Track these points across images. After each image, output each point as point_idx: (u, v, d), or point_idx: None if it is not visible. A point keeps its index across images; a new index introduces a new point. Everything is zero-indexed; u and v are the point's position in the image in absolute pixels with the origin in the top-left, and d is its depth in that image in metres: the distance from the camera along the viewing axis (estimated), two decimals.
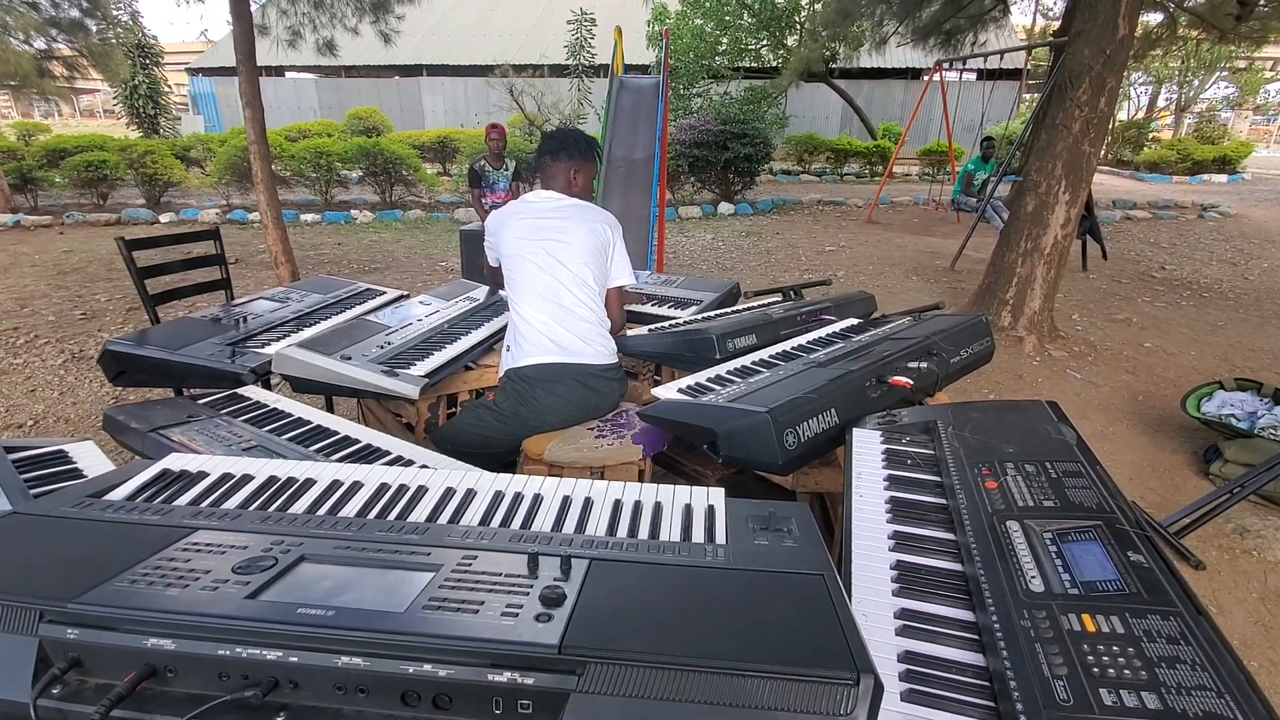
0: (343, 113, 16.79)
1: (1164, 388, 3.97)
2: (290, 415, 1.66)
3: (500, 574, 0.78)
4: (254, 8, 5.38)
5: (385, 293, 2.74)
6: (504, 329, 2.37)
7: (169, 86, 15.33)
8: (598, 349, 1.97)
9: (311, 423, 1.62)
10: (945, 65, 9.11)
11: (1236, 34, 7.93)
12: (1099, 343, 4.70)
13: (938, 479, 1.21)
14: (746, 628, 0.69)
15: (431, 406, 2.13)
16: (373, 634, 0.66)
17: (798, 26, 13.25)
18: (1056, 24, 14.35)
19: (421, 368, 1.90)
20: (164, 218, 9.27)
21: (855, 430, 1.41)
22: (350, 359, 1.87)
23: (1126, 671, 0.72)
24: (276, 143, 9.42)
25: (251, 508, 0.97)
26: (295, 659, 0.66)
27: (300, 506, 0.98)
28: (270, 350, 1.96)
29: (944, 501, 1.14)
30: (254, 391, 1.81)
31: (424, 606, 0.71)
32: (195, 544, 0.83)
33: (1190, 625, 0.78)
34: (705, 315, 2.42)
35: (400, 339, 2.07)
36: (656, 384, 2.79)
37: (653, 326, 2.23)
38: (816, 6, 12.61)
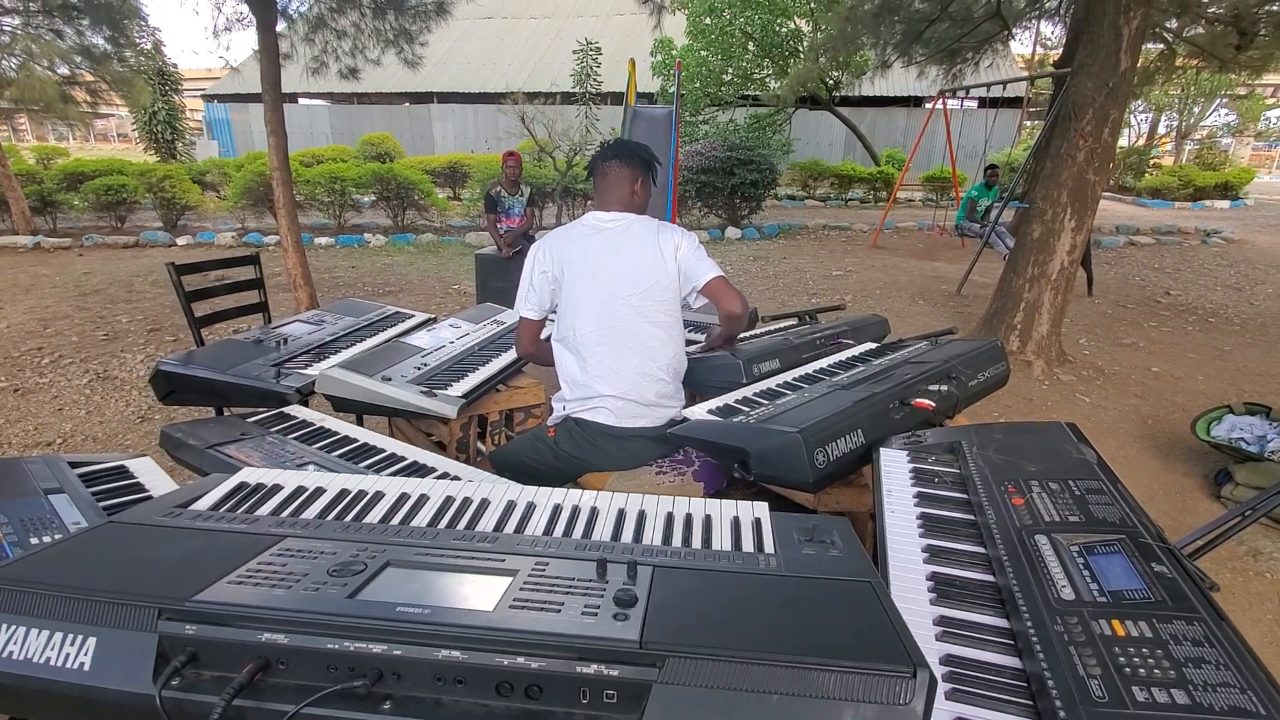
0: (354, 138, 17.13)
1: (1173, 412, 4.02)
2: (337, 433, 1.73)
3: (573, 578, 0.84)
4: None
5: (414, 315, 2.83)
6: None
7: (185, 112, 15.69)
8: (673, 406, 1.89)
9: (358, 440, 1.69)
10: (948, 94, 9.31)
11: (1237, 63, 8.09)
12: (1107, 367, 4.76)
13: (965, 496, 1.27)
14: (807, 627, 0.75)
15: (464, 426, 2.20)
16: (469, 629, 0.73)
17: (800, 55, 13.54)
18: (1055, 53, 14.64)
19: (458, 389, 1.97)
20: (181, 240, 9.45)
21: (883, 450, 1.48)
22: (390, 380, 1.95)
23: (1156, 671, 0.78)
24: (292, 168, 9.63)
25: (329, 518, 1.04)
26: (399, 652, 0.72)
27: (374, 517, 1.05)
28: (313, 371, 2.04)
29: (972, 517, 1.20)
30: (299, 410, 1.88)
31: (510, 606, 0.77)
32: (287, 550, 0.90)
33: (1213, 629, 0.84)
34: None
35: (435, 361, 2.15)
36: None
37: None
38: (819, 36, 12.90)
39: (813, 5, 12.67)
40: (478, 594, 0.81)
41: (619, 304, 1.80)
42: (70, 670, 0.76)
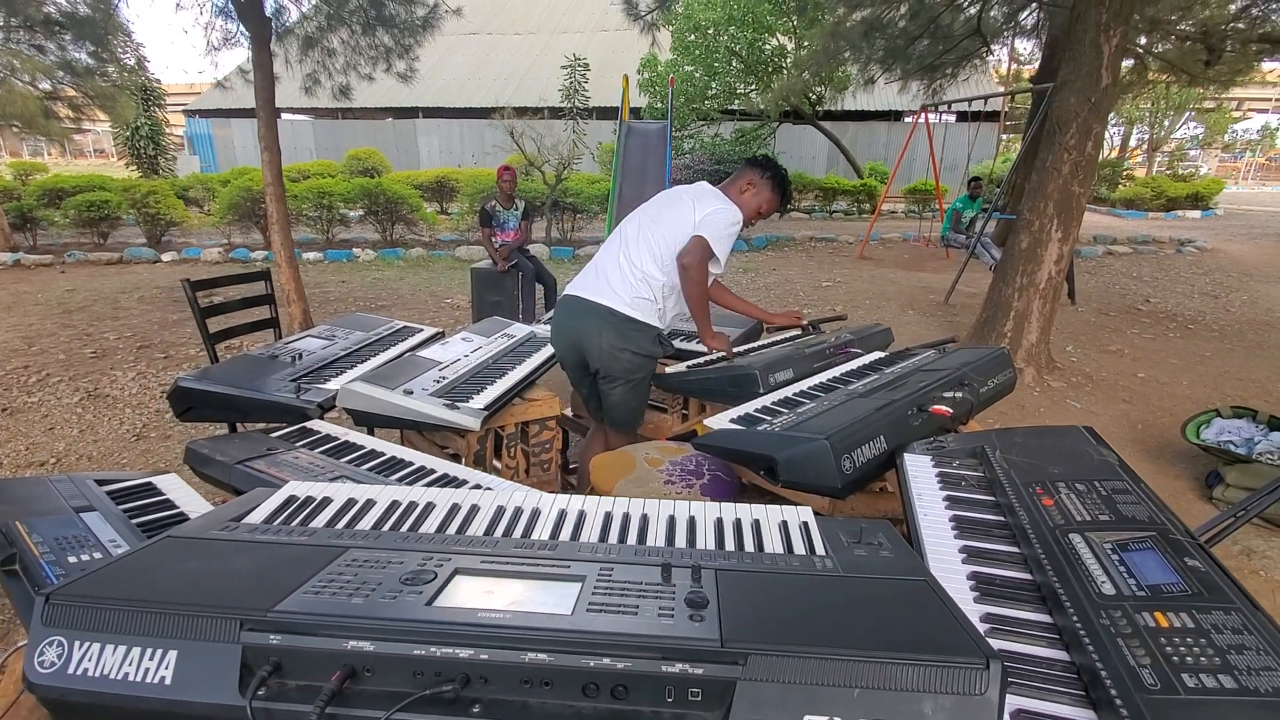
0: (339, 153, 17.09)
1: (1161, 416, 4.13)
2: (363, 447, 1.74)
3: (640, 582, 0.87)
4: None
5: (422, 329, 2.84)
6: (549, 360, 2.48)
7: (168, 127, 15.56)
8: (613, 293, 2.20)
9: (385, 454, 1.70)
10: (930, 108, 9.51)
11: (1205, 78, 8.37)
12: (1094, 373, 4.87)
13: (993, 498, 1.31)
14: (876, 624, 0.78)
15: (480, 439, 2.21)
16: (553, 632, 0.75)
17: (784, 71, 13.77)
18: (1029, 68, 15.01)
19: (479, 401, 1.99)
20: (165, 257, 9.35)
21: (907, 456, 1.52)
22: (411, 393, 1.96)
23: (1202, 659, 0.82)
24: None
25: (384, 528, 1.06)
26: (485, 656, 0.74)
27: (429, 527, 1.06)
28: (331, 385, 2.05)
29: (1002, 518, 1.24)
30: (321, 425, 1.89)
31: (587, 610, 0.80)
32: (354, 560, 0.91)
33: (1250, 618, 0.88)
34: (737, 351, 2.54)
35: (453, 374, 2.17)
36: (684, 419, 2.90)
37: (691, 363, 2.34)
38: (802, 52, 13.14)
39: (795, 23, 12.90)
40: (552, 599, 0.83)
41: (641, 225, 2.27)
42: (151, 685, 0.77)
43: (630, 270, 2.21)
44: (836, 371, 2.14)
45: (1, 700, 1.12)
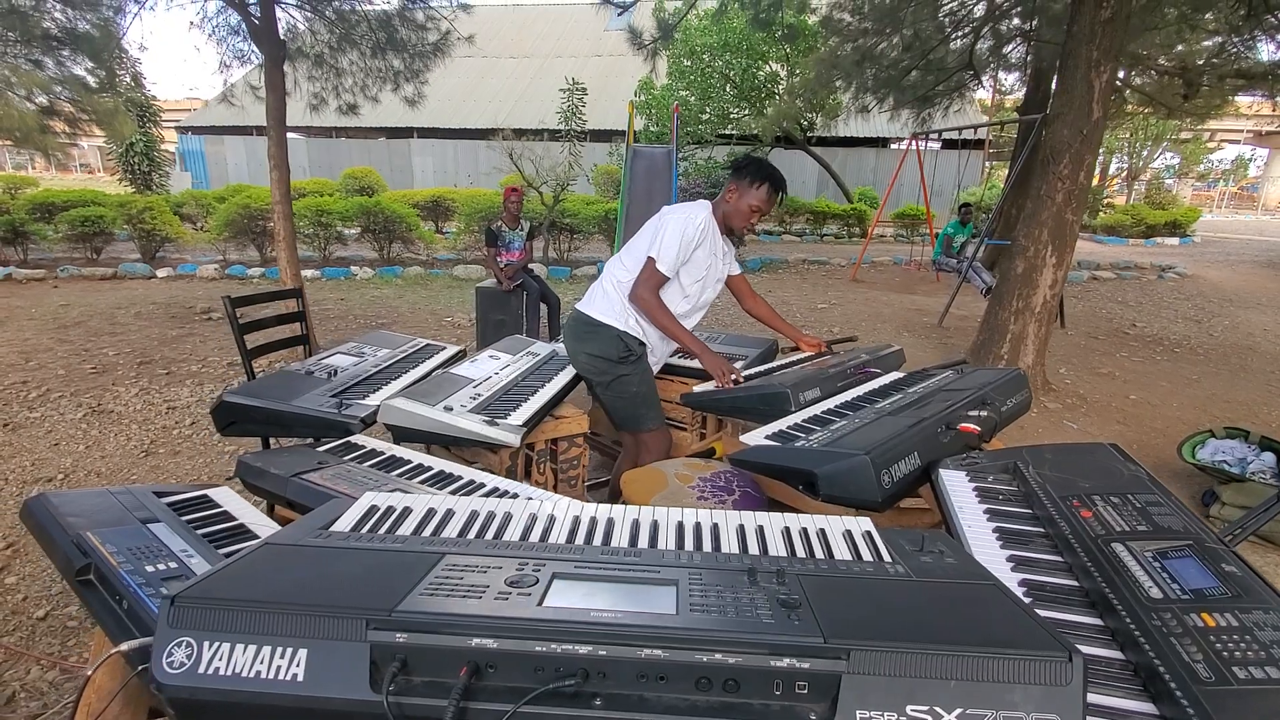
0: (333, 172, 17.15)
1: (1154, 437, 4.25)
2: (409, 460, 1.79)
3: (731, 586, 0.92)
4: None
5: (445, 347, 2.89)
6: (576, 378, 2.54)
7: (163, 144, 15.57)
8: (589, 300, 2.49)
9: (433, 468, 1.74)
10: (920, 136, 9.78)
11: (1183, 110, 8.70)
12: (1088, 395, 5.01)
13: (1030, 511, 1.39)
14: (961, 622, 0.85)
15: (512, 455, 2.25)
16: (666, 630, 0.80)
17: (777, 97, 14.09)
18: (1011, 99, 15.45)
19: (517, 417, 2.04)
20: (160, 273, 9.32)
21: (942, 471, 1.59)
22: (451, 409, 2.01)
23: (1250, 653, 0.90)
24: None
25: (470, 535, 1.10)
26: (604, 653, 0.79)
27: (512, 535, 1.11)
28: (371, 401, 2.09)
29: (1043, 530, 1.32)
30: (364, 439, 1.93)
31: (690, 610, 0.85)
32: (454, 565, 0.96)
33: None
34: (758, 370, 2.61)
35: (487, 390, 2.22)
36: (702, 437, 2.96)
37: (710, 384, 2.41)
38: (794, 79, 13.47)
39: (788, 51, 13.22)
40: (653, 600, 0.88)
41: (629, 242, 2.52)
42: (284, 683, 0.81)
43: (606, 280, 2.48)
44: (861, 390, 2.22)
45: (84, 710, 1.15)
